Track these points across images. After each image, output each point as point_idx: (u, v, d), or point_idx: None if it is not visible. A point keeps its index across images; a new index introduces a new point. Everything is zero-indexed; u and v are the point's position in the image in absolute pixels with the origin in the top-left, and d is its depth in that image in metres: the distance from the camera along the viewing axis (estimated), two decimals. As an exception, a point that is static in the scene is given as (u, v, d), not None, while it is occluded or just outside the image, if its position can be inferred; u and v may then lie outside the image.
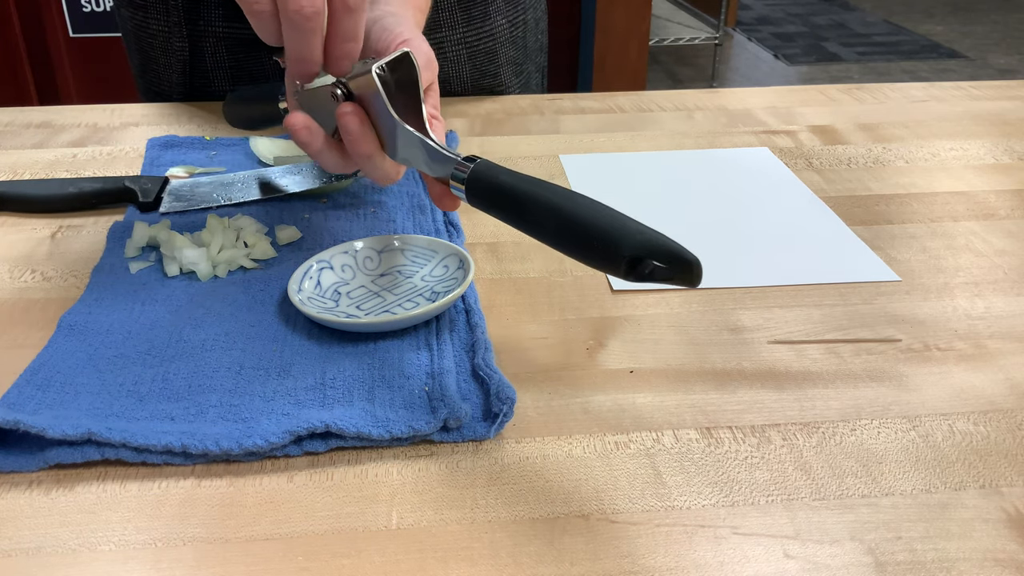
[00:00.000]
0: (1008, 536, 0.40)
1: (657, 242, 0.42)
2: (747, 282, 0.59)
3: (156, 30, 0.87)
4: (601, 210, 0.45)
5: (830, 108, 0.91)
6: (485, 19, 0.90)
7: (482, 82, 0.93)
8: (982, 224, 0.68)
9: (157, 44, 0.88)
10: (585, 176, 0.75)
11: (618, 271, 0.43)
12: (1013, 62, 4.14)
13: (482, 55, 0.92)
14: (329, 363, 0.50)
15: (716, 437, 0.46)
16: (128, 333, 0.52)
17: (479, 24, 0.90)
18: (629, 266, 0.42)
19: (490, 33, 0.91)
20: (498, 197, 0.48)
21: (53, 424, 0.42)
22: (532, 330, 0.54)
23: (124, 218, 0.66)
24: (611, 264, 0.43)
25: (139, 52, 0.91)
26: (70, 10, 2.39)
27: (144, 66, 0.92)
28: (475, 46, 0.91)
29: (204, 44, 0.87)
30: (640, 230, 0.43)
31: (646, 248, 0.42)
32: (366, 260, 0.59)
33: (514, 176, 0.48)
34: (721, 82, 3.88)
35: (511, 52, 0.94)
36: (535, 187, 0.47)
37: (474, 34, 0.89)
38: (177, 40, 0.86)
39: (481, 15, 0.89)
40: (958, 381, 0.50)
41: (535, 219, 0.46)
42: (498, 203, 0.48)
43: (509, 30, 0.93)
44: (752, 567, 0.38)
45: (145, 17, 0.88)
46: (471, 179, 0.49)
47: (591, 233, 0.44)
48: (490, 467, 0.44)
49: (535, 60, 0.99)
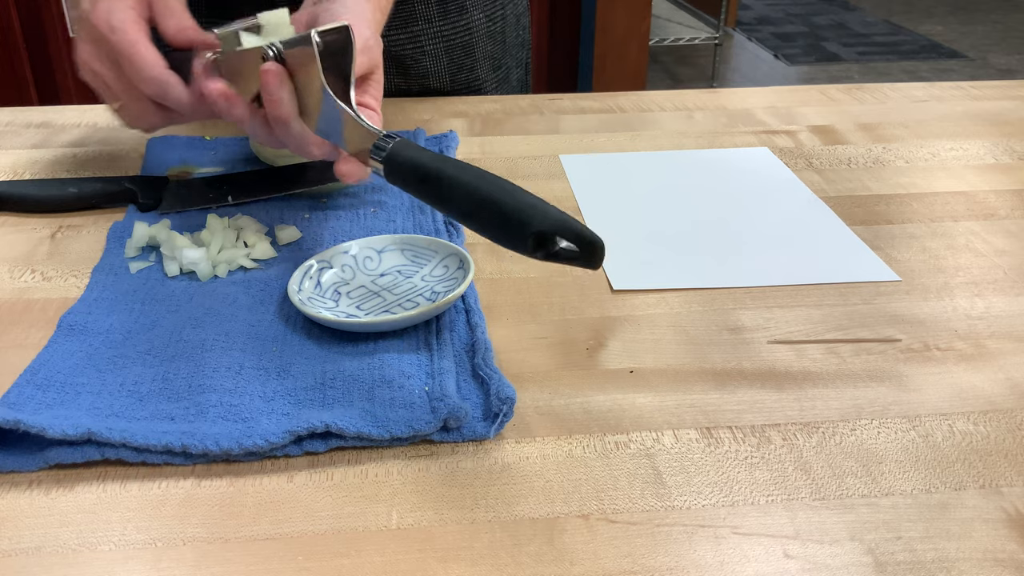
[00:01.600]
0: (1008, 536, 0.40)
1: (564, 221, 0.44)
2: (747, 282, 0.59)
3: None
4: (512, 190, 0.46)
5: (830, 108, 0.91)
6: (462, 13, 0.90)
7: (459, 76, 0.93)
8: (982, 224, 0.68)
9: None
10: (585, 176, 0.75)
11: (525, 249, 0.45)
12: (1013, 62, 4.14)
13: (458, 49, 0.91)
14: (329, 363, 0.50)
15: (716, 437, 0.46)
16: (128, 333, 0.52)
17: (455, 18, 0.89)
18: (536, 243, 0.44)
19: (467, 27, 0.91)
20: (414, 174, 0.49)
21: (53, 424, 0.42)
22: (532, 330, 0.54)
23: (124, 218, 0.66)
24: (519, 241, 0.45)
25: None
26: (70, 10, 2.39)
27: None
28: (451, 40, 0.90)
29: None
30: (547, 210, 0.45)
31: (553, 226, 0.44)
32: (366, 260, 0.59)
33: (430, 155, 0.49)
34: (721, 82, 3.88)
35: (489, 47, 0.94)
36: (449, 166, 0.48)
37: (450, 28, 0.89)
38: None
39: (458, 9, 0.89)
40: (958, 381, 0.50)
41: (449, 196, 0.48)
42: (414, 180, 0.49)
43: (487, 24, 0.93)
44: (752, 567, 0.38)
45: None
46: (390, 156, 0.50)
47: (503, 210, 0.46)
48: (490, 467, 0.44)
49: (515, 56, 0.99)
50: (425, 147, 0.54)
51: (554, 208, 0.45)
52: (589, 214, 0.68)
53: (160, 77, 0.60)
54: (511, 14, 0.96)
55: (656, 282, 0.59)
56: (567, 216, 0.45)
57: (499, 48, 0.95)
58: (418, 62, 0.70)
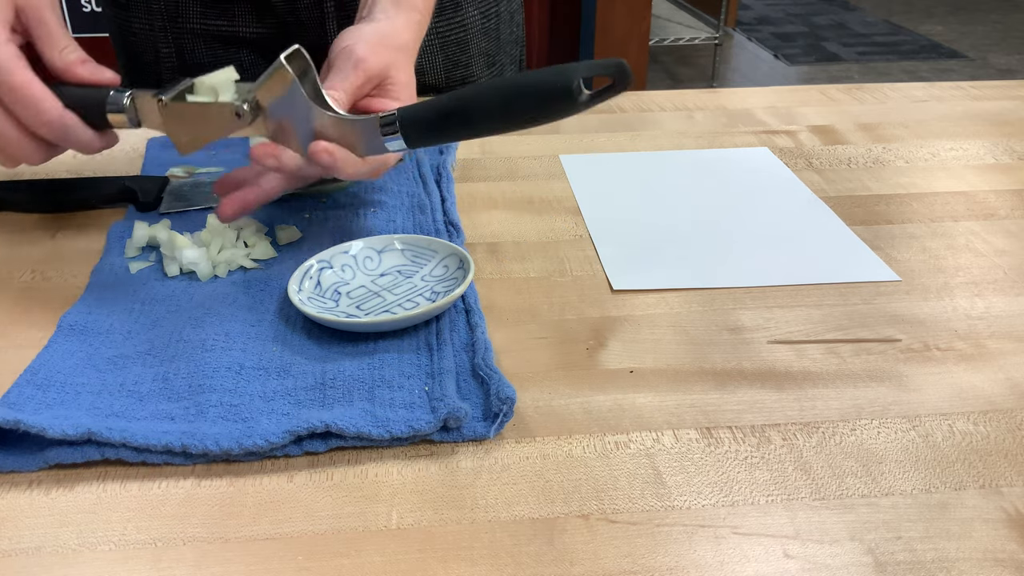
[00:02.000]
0: (1008, 536, 0.40)
1: (591, 63, 0.48)
2: (747, 282, 0.59)
3: (139, 29, 0.87)
4: (523, 73, 0.50)
5: (830, 108, 0.91)
6: (457, 9, 0.90)
7: (454, 72, 0.93)
8: (982, 224, 0.68)
9: (140, 43, 0.88)
10: (585, 176, 0.75)
11: (575, 100, 0.48)
12: (1013, 62, 4.14)
13: (453, 45, 0.91)
14: (329, 363, 0.50)
15: (716, 437, 0.46)
16: (128, 333, 0.52)
17: (451, 14, 0.90)
18: (584, 86, 0.47)
19: (461, 24, 0.91)
20: (435, 115, 0.51)
21: (53, 424, 0.42)
22: (532, 330, 0.54)
23: (124, 218, 0.66)
24: (567, 98, 0.48)
25: (124, 52, 0.92)
26: (70, 10, 2.39)
27: (129, 66, 0.92)
28: (446, 36, 0.91)
29: (183, 42, 0.87)
30: (570, 65, 0.48)
31: (588, 69, 0.48)
32: (366, 260, 0.59)
33: (433, 99, 0.52)
34: (721, 82, 3.88)
35: (483, 43, 0.94)
36: (458, 91, 0.51)
37: (445, 24, 0.89)
38: (162, 40, 0.86)
39: (453, 5, 0.89)
40: (958, 381, 0.50)
41: (480, 108, 0.50)
42: (437, 122, 0.51)
43: (481, 21, 0.93)
44: (752, 567, 0.38)
45: (128, 17, 0.88)
46: (401, 120, 0.52)
47: (537, 84, 0.49)
48: (490, 467, 0.44)
49: (509, 53, 0.99)
50: (425, 147, 0.55)
51: (570, 63, 0.48)
52: (589, 214, 0.68)
53: (61, 120, 0.55)
54: (505, 11, 0.96)
55: (656, 282, 0.59)
56: (586, 61, 0.48)
57: (493, 45, 0.96)
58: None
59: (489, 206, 0.70)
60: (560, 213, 0.69)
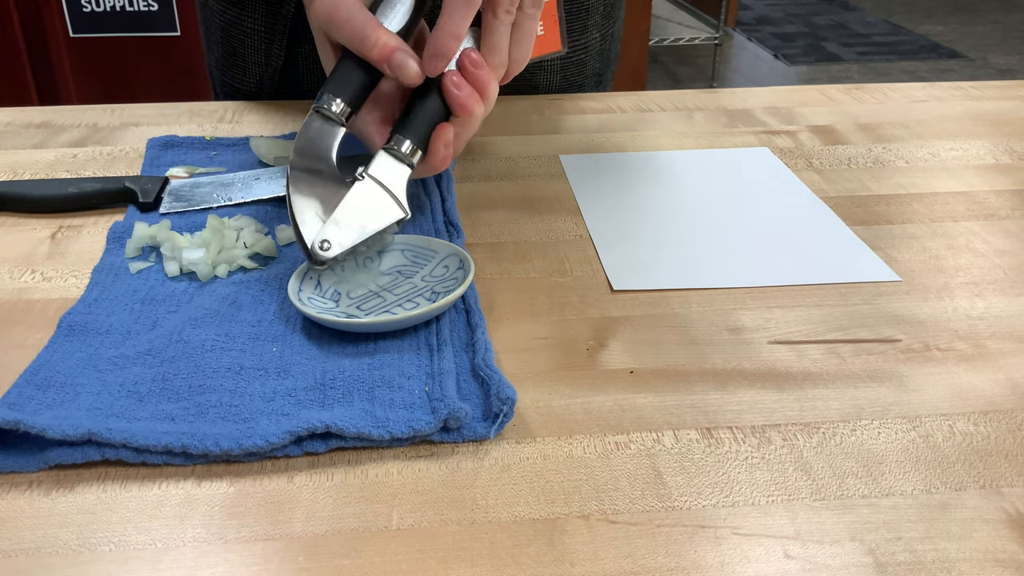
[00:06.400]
0: (1008, 536, 0.40)
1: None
2: (747, 282, 0.59)
3: (251, 28, 0.85)
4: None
5: (830, 108, 0.91)
6: (582, 33, 0.91)
7: (568, 91, 0.95)
8: (982, 224, 0.68)
9: (250, 42, 0.86)
10: (585, 176, 0.75)
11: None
12: (1013, 62, 4.14)
13: (573, 67, 0.93)
14: (329, 363, 0.50)
15: (716, 437, 0.46)
16: (128, 333, 0.52)
17: (576, 37, 0.91)
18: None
19: (584, 46, 0.92)
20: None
21: (53, 424, 0.42)
22: (532, 330, 0.54)
23: (124, 218, 0.66)
24: None
25: (223, 47, 0.89)
26: (70, 10, 2.39)
27: (227, 62, 0.89)
28: (568, 58, 0.92)
29: (299, 46, 0.86)
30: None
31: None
32: (366, 260, 0.59)
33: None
34: (721, 82, 3.88)
35: (597, 64, 0.96)
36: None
37: (569, 47, 0.90)
38: (277, 41, 0.85)
39: (580, 28, 0.90)
40: (958, 381, 0.50)
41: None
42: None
43: (600, 43, 0.94)
44: (752, 567, 0.38)
45: (240, 13, 0.85)
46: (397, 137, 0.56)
47: None
48: (490, 467, 0.44)
49: (611, 69, 1.01)
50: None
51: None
52: (589, 214, 0.68)
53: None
54: (617, 31, 0.97)
55: (656, 282, 0.59)
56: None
57: (603, 64, 0.97)
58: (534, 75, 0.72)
59: (489, 206, 0.70)
60: (560, 213, 0.69)
